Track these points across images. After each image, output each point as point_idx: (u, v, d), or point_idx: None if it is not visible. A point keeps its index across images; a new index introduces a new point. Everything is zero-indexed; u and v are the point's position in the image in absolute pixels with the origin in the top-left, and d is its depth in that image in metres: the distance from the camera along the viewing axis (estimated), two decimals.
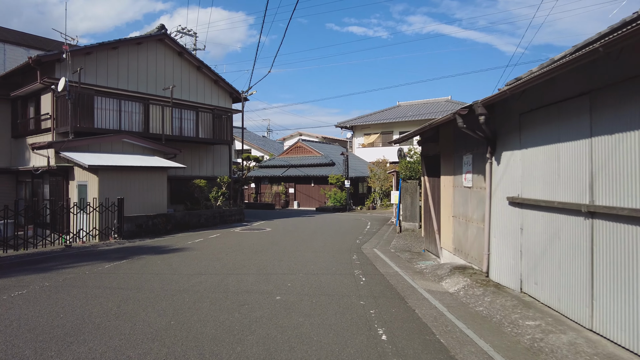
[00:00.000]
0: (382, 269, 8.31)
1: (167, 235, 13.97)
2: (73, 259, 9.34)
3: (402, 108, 35.23)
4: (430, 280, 7.33)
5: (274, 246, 11.12)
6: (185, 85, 18.82)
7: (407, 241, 12.46)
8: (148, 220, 13.83)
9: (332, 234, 14.19)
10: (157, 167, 14.53)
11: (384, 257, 9.68)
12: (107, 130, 15.23)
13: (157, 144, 16.05)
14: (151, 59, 17.55)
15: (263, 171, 30.24)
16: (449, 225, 8.53)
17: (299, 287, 6.65)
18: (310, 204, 28.00)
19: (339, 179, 25.55)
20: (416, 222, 14.56)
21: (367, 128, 34.11)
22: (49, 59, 14.51)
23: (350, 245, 11.67)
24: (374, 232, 14.81)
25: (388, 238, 13.27)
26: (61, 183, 14.63)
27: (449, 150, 8.60)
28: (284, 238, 12.85)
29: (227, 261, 8.87)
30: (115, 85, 16.29)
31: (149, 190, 14.54)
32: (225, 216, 17.62)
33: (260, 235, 13.64)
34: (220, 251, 10.26)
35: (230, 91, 20.45)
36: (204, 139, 18.56)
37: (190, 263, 8.66)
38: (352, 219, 19.96)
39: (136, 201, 14.08)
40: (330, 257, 9.60)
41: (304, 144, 30.64)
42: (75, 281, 6.95)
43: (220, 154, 20.29)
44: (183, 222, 15.35)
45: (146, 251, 10.37)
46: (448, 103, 33.96)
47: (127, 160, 14.18)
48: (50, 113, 15.03)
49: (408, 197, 14.53)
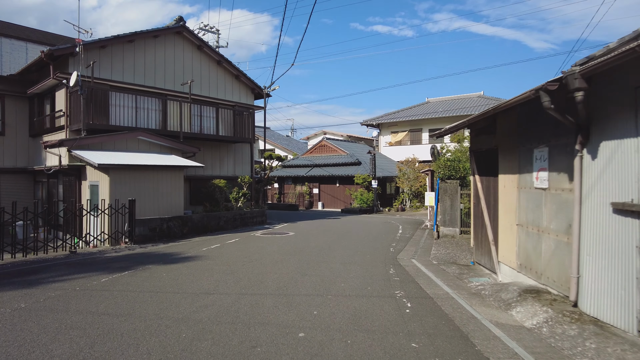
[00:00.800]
0: (429, 288, 6.71)
1: (183, 239, 12.73)
2: (72, 269, 8.14)
3: (432, 104, 33.23)
4: (495, 308, 5.68)
5: (297, 255, 9.66)
6: (205, 80, 17.64)
7: (449, 250, 10.76)
8: (162, 223, 12.63)
9: (361, 239, 12.62)
10: (173, 166, 13.33)
11: (427, 272, 8.05)
12: (123, 128, 14.15)
13: (175, 142, 14.88)
14: (169, 52, 16.43)
15: (286, 171, 28.92)
16: (511, 235, 6.84)
17: (327, 316, 5.14)
18: (335, 205, 26.48)
19: (365, 179, 23.93)
20: (456, 227, 12.82)
21: (394, 126, 32.29)
22: (61, 53, 13.52)
23: (384, 254, 10.08)
24: (408, 238, 13.15)
25: (425, 245, 11.60)
26: (74, 183, 13.65)
27: (511, 142, 6.90)
28: (308, 244, 11.38)
29: (242, 275, 7.45)
30: (132, 81, 15.23)
31: (164, 191, 13.36)
32: (246, 218, 16.31)
33: (282, 240, 12.22)
34: (236, 261, 8.86)
35: (252, 87, 19.15)
36: (224, 137, 17.33)
37: (199, 277, 7.28)
38: (381, 222, 18.32)
39: (150, 203, 12.92)
40: (362, 270, 8.04)
41: (329, 143, 29.12)
42: (57, 302, 5.66)
43: (242, 153, 19.02)
44: (201, 225, 14.11)
45: (154, 260, 9.09)
46: (480, 98, 31.80)
47: (141, 158, 13.03)
48: (64, 110, 14.07)
49: (447, 199, 12.81)
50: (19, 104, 16.27)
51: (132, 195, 12.28)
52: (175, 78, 16.52)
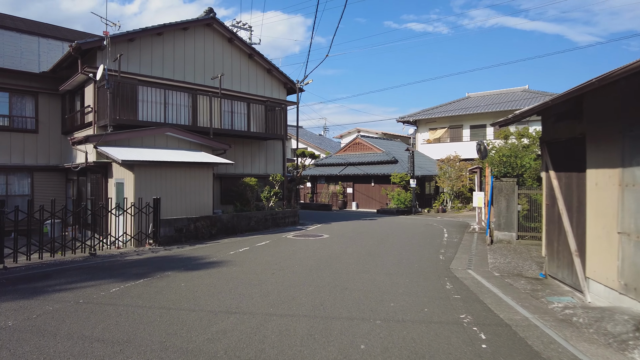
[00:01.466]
0: (501, 311, 5.28)
1: (211, 240, 11.78)
2: (85, 274, 7.26)
3: (472, 99, 31.12)
4: (603, 346, 4.20)
5: (334, 262, 8.40)
6: (236, 74, 16.72)
7: (509, 259, 9.19)
8: (189, 223, 11.72)
9: (404, 244, 11.22)
10: (202, 162, 12.41)
11: (491, 287, 6.59)
12: (152, 124, 13.38)
13: (204, 138, 13.99)
14: (199, 45, 15.61)
15: (319, 170, 27.75)
16: (609, 245, 5.30)
17: (380, 354, 3.85)
18: (370, 205, 25.05)
19: (402, 178, 22.37)
20: (513, 231, 11.17)
21: (432, 122, 30.43)
22: (89, 47, 12.92)
23: (434, 262, 8.65)
24: (457, 243, 11.62)
25: (479, 253, 10.06)
26: (100, 181, 13.01)
27: (608, 129, 5.36)
28: (345, 249, 10.11)
29: (271, 287, 6.29)
30: (160, 75, 14.49)
31: (192, 190, 12.48)
32: (277, 219, 15.24)
33: (316, 243, 11.00)
34: (265, 268, 7.72)
35: (285, 81, 18.09)
36: (255, 134, 16.33)
37: (221, 289, 6.18)
38: (421, 224, 16.77)
39: (177, 202, 12.06)
40: (412, 284, 6.69)
41: (363, 140, 27.71)
42: (51, 321, 4.68)
43: (274, 150, 18.00)
44: (230, 225, 13.14)
45: (175, 265, 8.09)
46: (525, 92, 29.43)
47: (168, 155, 12.19)
48: (92, 106, 13.50)
49: (502, 199, 11.18)
50: (52, 101, 15.94)
51: (157, 193, 11.46)
52: (205, 72, 15.70)
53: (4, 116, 14.91)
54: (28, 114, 15.44)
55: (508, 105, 27.49)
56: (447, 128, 29.86)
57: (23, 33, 19.10)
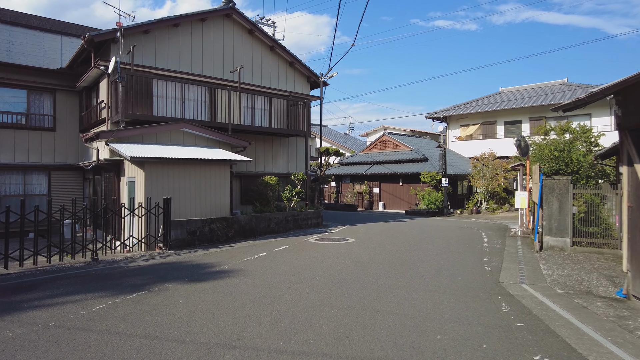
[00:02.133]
0: (588, 351, 3.87)
1: (227, 244, 10.73)
2: (75, 285, 6.28)
3: (506, 94, 29.04)
4: None
5: (361, 273, 7.13)
6: (257, 68, 15.68)
7: (567, 270, 7.65)
8: (204, 225, 10.70)
9: (441, 250, 9.80)
10: (218, 160, 11.39)
11: (560, 310, 5.16)
12: (168, 119, 12.49)
13: (223, 134, 12.98)
14: (217, 37, 14.64)
15: (344, 168, 26.44)
16: None
17: None
18: (398, 206, 23.54)
19: (433, 177, 20.77)
20: (566, 236, 9.55)
21: (463, 118, 28.57)
22: (102, 39, 12.15)
23: (479, 274, 7.24)
24: (500, 250, 10.11)
25: (529, 262, 8.55)
26: (113, 180, 12.22)
27: None
28: (373, 256, 8.80)
29: (284, 308, 5.08)
30: (177, 68, 13.60)
31: (208, 189, 11.48)
32: (299, 220, 14.08)
33: (341, 249, 9.74)
34: (280, 280, 6.53)
35: (308, 75, 16.91)
36: (277, 130, 15.22)
37: (224, 309, 5.02)
38: (456, 227, 15.22)
39: (191, 202, 11.08)
40: (460, 304, 5.34)
41: (391, 138, 26.18)
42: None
43: (296, 148, 16.85)
44: (248, 227, 12.05)
45: (180, 274, 7.03)
46: (564, 86, 27.14)
47: (182, 152, 11.24)
48: (106, 101, 12.75)
49: (554, 200, 9.59)
50: (70, 98, 15.38)
51: (170, 193, 10.51)
52: (224, 65, 14.72)
53: (22, 114, 14.41)
54: (46, 112, 14.91)
55: (546, 99, 25.40)
56: (480, 124, 27.93)
57: (47, 32, 18.77)
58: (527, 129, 26.36)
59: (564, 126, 19.04)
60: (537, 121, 25.91)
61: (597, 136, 14.47)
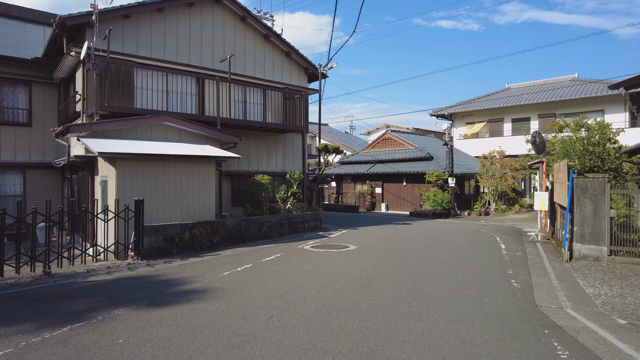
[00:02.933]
0: None
1: (210, 252, 9.30)
2: (3, 311, 4.86)
3: (513, 91, 27.52)
4: None
5: (364, 294, 5.67)
6: (250, 57, 14.24)
7: (616, 288, 6.17)
8: (184, 230, 9.26)
9: (456, 260, 8.33)
10: (201, 156, 9.96)
11: None
12: (151, 112, 11.07)
13: (211, 129, 11.55)
14: (206, 24, 13.21)
15: (345, 168, 24.98)
16: None
17: None
18: (402, 207, 22.06)
19: (439, 177, 19.29)
20: (602, 244, 8.07)
21: (469, 116, 27.06)
22: (75, 22, 10.74)
23: (509, 293, 5.77)
24: (522, 258, 8.64)
25: (562, 275, 7.08)
26: (87, 179, 10.82)
27: None
28: (378, 269, 7.34)
29: (258, 353, 3.63)
30: (162, 57, 12.17)
31: (190, 189, 10.06)
32: (295, 223, 12.63)
33: (340, 259, 8.29)
34: (262, 306, 5.07)
35: (306, 66, 15.46)
36: (272, 125, 13.77)
37: (176, 355, 3.58)
38: (466, 230, 13.74)
39: (171, 204, 9.66)
40: (498, 346, 3.87)
41: (394, 135, 24.69)
42: None
43: (293, 145, 15.41)
44: (237, 232, 10.61)
45: (140, 295, 5.59)
46: (574, 82, 25.60)
47: (161, 147, 9.81)
48: (81, 92, 11.35)
49: (587, 202, 8.12)
50: (47, 91, 13.98)
51: (146, 193, 9.10)
52: (214, 55, 13.29)
53: None
54: (20, 105, 13.50)
55: (556, 95, 23.91)
56: (486, 122, 26.43)
57: (28, 22, 17.35)
58: (535, 126, 24.84)
59: (580, 122, 17.52)
60: (547, 118, 24.40)
61: (616, 132, 12.97)
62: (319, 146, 14.21)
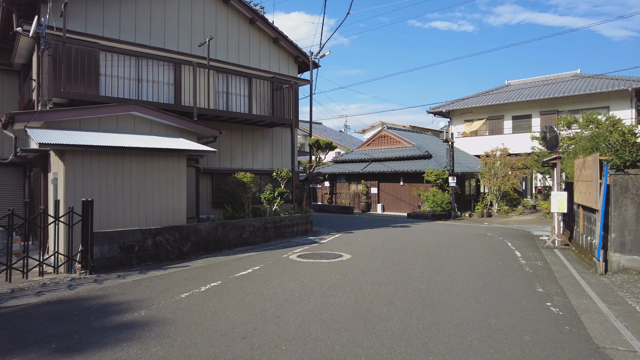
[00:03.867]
0: None
1: (178, 263, 7.73)
2: None
3: (513, 87, 26.16)
4: None
5: (362, 331, 4.13)
6: (233, 43, 12.68)
7: None
8: (146, 237, 7.67)
9: (470, 274, 6.82)
10: (170, 150, 8.38)
11: None
12: (120, 100, 9.47)
13: (187, 121, 9.97)
14: (184, 4, 11.63)
15: (339, 167, 23.45)
16: None
17: None
18: (399, 208, 20.57)
19: (439, 176, 17.83)
20: None
21: (468, 113, 25.66)
22: None
23: (553, 325, 4.26)
24: (545, 269, 7.16)
25: (605, 294, 5.58)
26: (39, 176, 9.21)
27: None
28: (378, 289, 5.81)
29: None
30: (132, 39, 10.56)
31: (157, 189, 8.48)
32: (282, 227, 11.08)
33: (331, 274, 6.75)
34: (216, 352, 3.53)
35: (296, 54, 13.91)
36: (258, 117, 12.20)
37: None
38: (471, 234, 12.26)
39: (133, 206, 8.07)
40: None
41: (390, 133, 23.20)
42: None
43: (281, 140, 13.86)
44: (212, 238, 9.02)
45: (55, 332, 4.02)
46: (576, 78, 24.32)
47: (122, 140, 8.22)
48: (35, 77, 9.75)
49: (629, 204, 6.68)
50: (7, 78, 12.34)
51: (101, 193, 7.53)
52: (192, 39, 11.70)
53: None
54: None
55: (558, 91, 22.59)
56: (486, 119, 25.05)
57: None
58: (537, 123, 23.50)
59: (590, 117, 16.10)
60: (549, 115, 23.06)
61: (631, 127, 11.61)
62: (310, 141, 12.66)
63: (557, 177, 9.89)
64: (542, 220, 16.23)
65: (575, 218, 9.85)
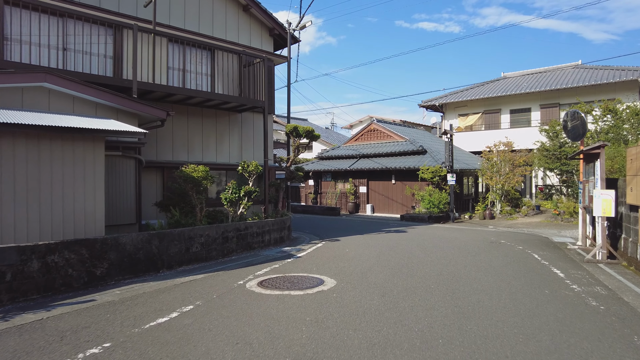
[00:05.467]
0: None
1: (84, 293, 5.10)
2: None
3: (510, 79, 24.05)
4: None
5: None
6: (192, 7, 10.04)
7: None
8: (28, 259, 4.98)
9: (515, 315, 4.37)
10: (76, 129, 5.71)
11: None
12: (29, 68, 6.74)
13: (126, 99, 7.27)
14: None
15: (324, 164, 20.93)
16: None
17: None
18: (391, 209, 18.16)
19: (436, 173, 15.48)
20: None
21: (462, 106, 23.44)
22: None
23: None
24: (614, 300, 4.75)
25: None
26: None
27: None
28: (384, 357, 3.31)
29: None
30: None
31: (58, 185, 5.81)
32: (249, 236, 8.48)
33: (303, 324, 4.20)
34: None
35: (271, 25, 11.32)
36: (223, 98, 9.58)
37: None
38: (482, 241, 9.88)
39: (19, 209, 5.40)
40: None
41: (380, 126, 20.77)
42: None
43: (253, 128, 11.26)
44: (143, 255, 6.36)
45: None
46: (577, 69, 22.31)
47: (17, 117, 5.52)
48: None
49: None
50: None
51: None
52: None
53: None
54: None
55: (559, 83, 20.55)
56: (481, 113, 22.86)
57: None
58: (536, 117, 21.43)
59: (610, 105, 13.92)
60: (550, 108, 21.00)
61: None
62: (287, 128, 10.07)
63: (601, 171, 7.55)
64: (552, 223, 14.02)
65: (623, 223, 7.54)
